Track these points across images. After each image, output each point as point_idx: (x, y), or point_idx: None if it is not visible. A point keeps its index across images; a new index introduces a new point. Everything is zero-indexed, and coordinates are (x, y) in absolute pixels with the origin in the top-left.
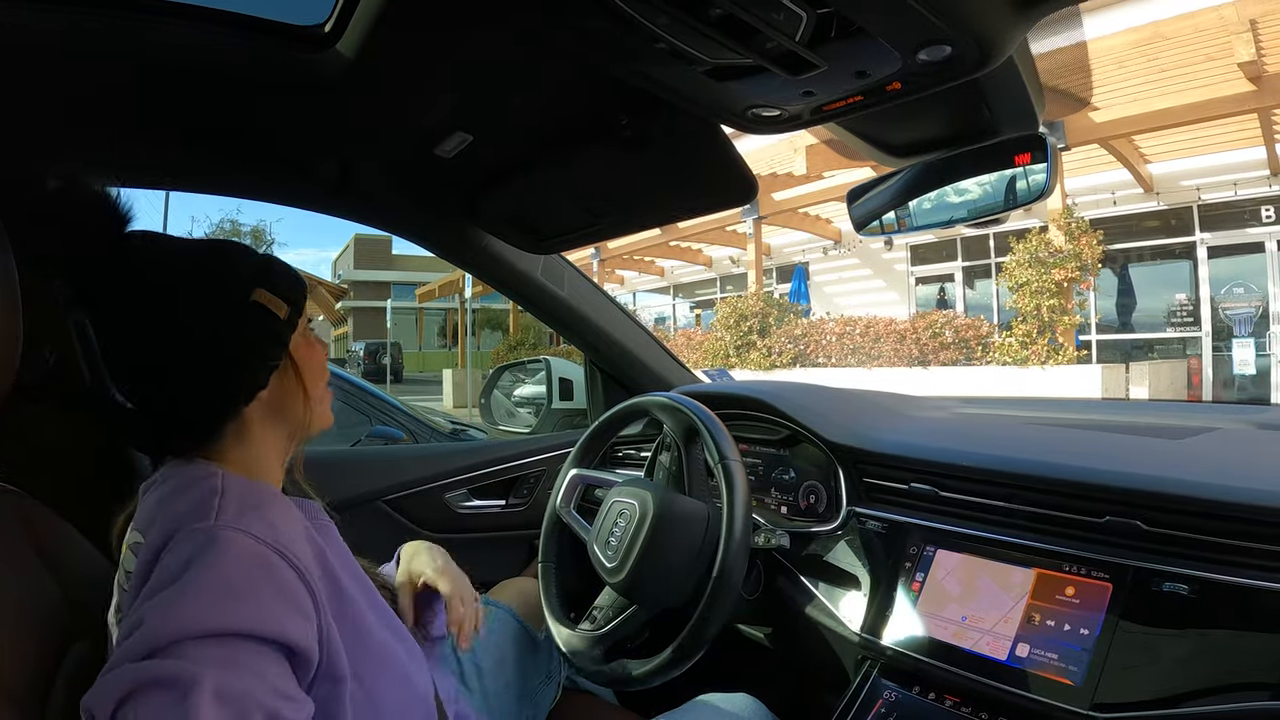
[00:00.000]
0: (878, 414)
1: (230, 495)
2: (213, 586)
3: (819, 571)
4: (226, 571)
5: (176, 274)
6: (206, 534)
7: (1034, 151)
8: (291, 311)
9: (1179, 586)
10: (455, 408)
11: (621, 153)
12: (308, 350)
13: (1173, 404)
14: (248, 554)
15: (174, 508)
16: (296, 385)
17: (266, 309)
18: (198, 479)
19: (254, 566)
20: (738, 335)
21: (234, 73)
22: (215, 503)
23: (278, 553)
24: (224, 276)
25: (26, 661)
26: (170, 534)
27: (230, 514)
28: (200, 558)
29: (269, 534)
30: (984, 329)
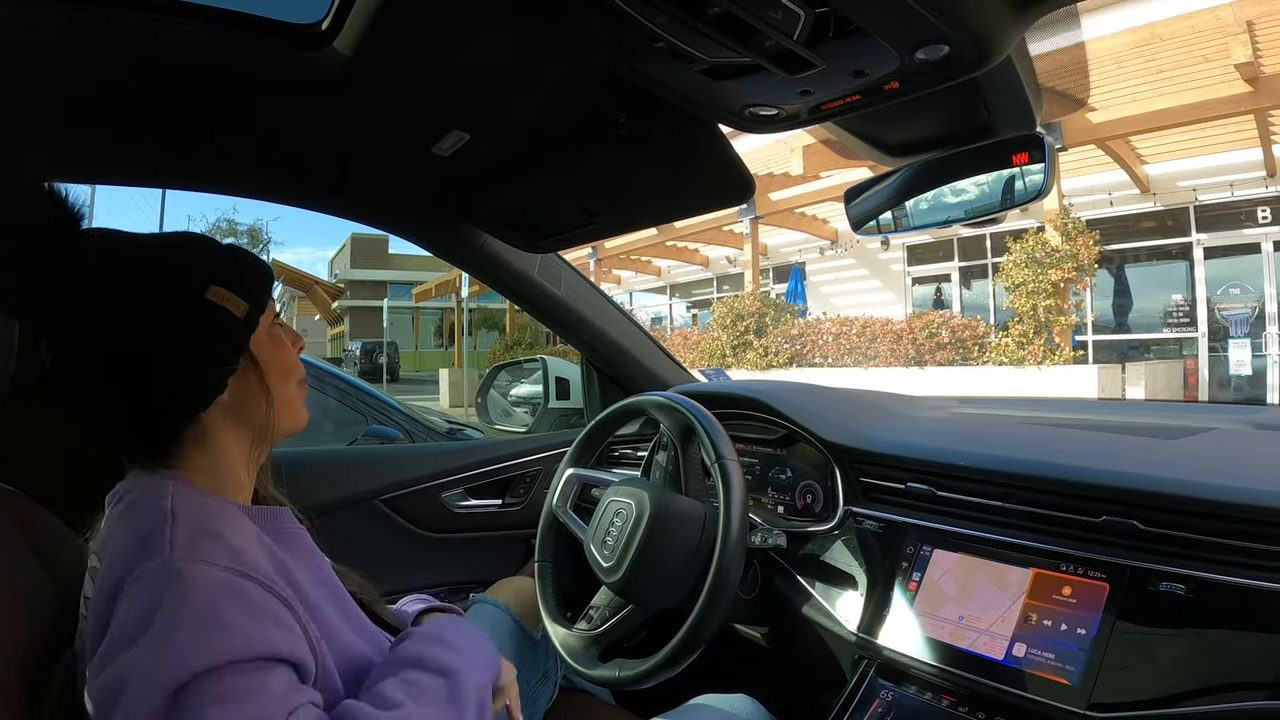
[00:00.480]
0: (874, 414)
1: (181, 521)
2: (189, 624)
3: (816, 571)
4: (197, 606)
5: (127, 272)
6: (164, 573)
7: (1031, 151)
8: (251, 309)
9: (1176, 586)
10: (451, 407)
11: (618, 151)
12: (274, 349)
13: (1169, 404)
14: (213, 584)
15: (121, 540)
16: (259, 388)
17: (222, 308)
18: (147, 500)
19: (223, 595)
20: (734, 335)
21: (230, 71)
22: (166, 534)
23: (242, 575)
24: (175, 274)
25: (22, 659)
26: (120, 578)
27: (183, 544)
28: (165, 598)
29: (228, 558)
30: (980, 329)
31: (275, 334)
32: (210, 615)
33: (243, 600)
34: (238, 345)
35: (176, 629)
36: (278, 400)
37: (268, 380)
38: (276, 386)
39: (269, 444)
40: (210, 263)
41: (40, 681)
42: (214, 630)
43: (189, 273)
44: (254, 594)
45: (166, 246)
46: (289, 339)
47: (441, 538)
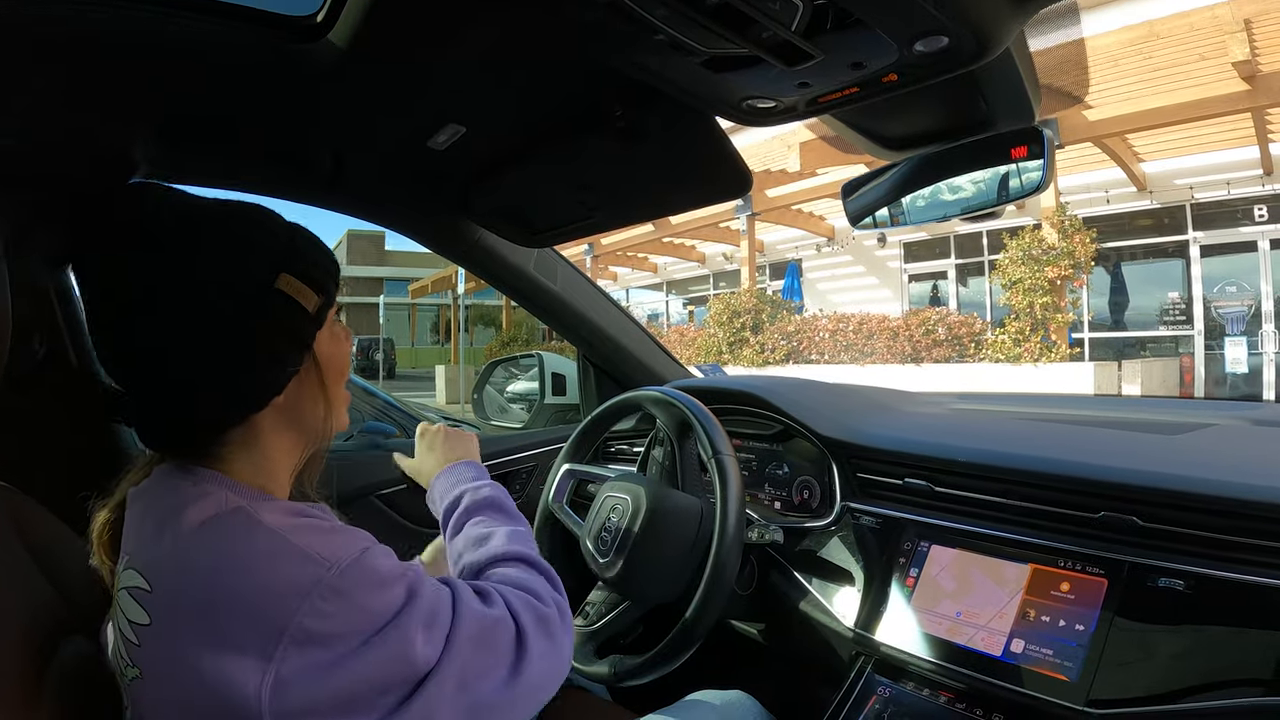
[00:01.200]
0: (871, 409)
1: (287, 530)
2: (406, 589)
3: (813, 567)
4: (383, 577)
5: (185, 240)
6: (346, 574)
7: (1030, 145)
8: (321, 304)
9: (1175, 582)
10: (448, 404)
11: (616, 145)
12: (334, 346)
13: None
14: (378, 557)
15: (214, 562)
16: (318, 389)
17: (293, 300)
18: (209, 508)
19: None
20: (731, 332)
21: (224, 64)
22: (293, 544)
23: (373, 544)
24: (245, 251)
25: (15, 656)
26: (263, 597)
27: (320, 546)
28: (360, 593)
29: (348, 540)
30: (977, 326)
31: (336, 330)
32: (395, 573)
33: (387, 553)
34: (303, 345)
35: (392, 604)
36: (333, 401)
37: (326, 381)
38: (334, 386)
39: (322, 449)
40: (281, 245)
41: (34, 680)
42: (415, 583)
43: (258, 253)
44: (383, 550)
45: (234, 216)
46: (344, 335)
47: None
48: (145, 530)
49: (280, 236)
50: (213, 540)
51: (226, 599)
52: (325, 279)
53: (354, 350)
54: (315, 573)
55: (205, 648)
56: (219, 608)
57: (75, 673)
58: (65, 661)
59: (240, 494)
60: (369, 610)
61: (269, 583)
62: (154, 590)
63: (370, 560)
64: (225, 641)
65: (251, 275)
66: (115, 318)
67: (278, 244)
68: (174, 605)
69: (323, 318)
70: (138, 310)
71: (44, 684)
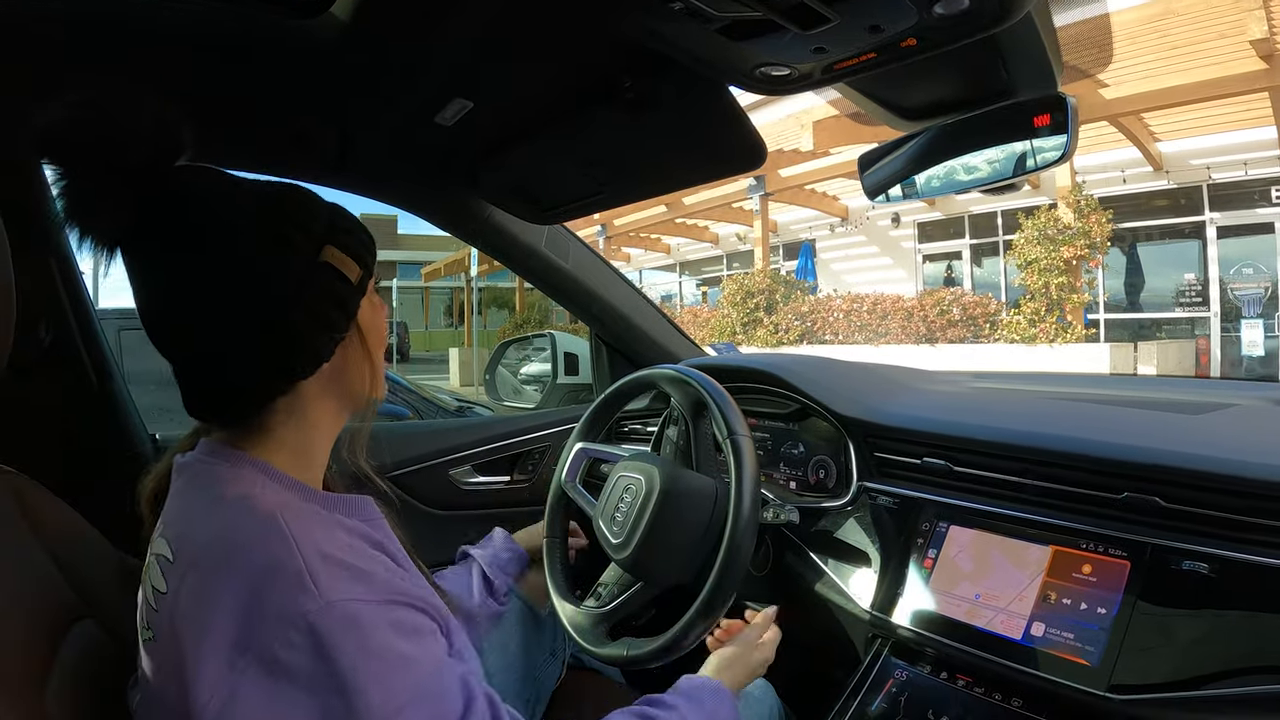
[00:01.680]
0: (889, 387)
1: (304, 544)
2: (378, 669)
3: (829, 548)
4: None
5: (234, 217)
6: (327, 619)
7: (1054, 113)
8: (363, 275)
9: (1199, 565)
10: (461, 386)
11: (626, 116)
12: (373, 315)
13: (1187, 380)
14: (377, 621)
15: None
16: (362, 356)
17: (338, 271)
18: (249, 503)
19: (390, 630)
20: (744, 312)
21: (225, 40)
22: (299, 562)
23: (389, 603)
24: (292, 227)
25: (22, 643)
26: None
27: (325, 581)
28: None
29: (366, 590)
30: (992, 307)
31: (375, 300)
32: (401, 651)
33: (405, 627)
34: (350, 312)
35: (369, 678)
36: (375, 369)
37: (370, 349)
38: (375, 354)
39: (369, 416)
40: (325, 220)
41: (42, 664)
42: (400, 669)
43: (305, 229)
44: (408, 616)
45: (279, 196)
46: (380, 305)
47: (449, 515)
48: (179, 504)
49: (322, 214)
50: (231, 530)
51: (226, 592)
52: (364, 252)
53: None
54: (299, 601)
55: (195, 628)
56: (217, 597)
57: (83, 656)
58: (73, 645)
59: (277, 484)
60: (336, 668)
61: (260, 591)
62: (175, 562)
63: (367, 617)
64: (208, 633)
65: (299, 250)
66: (170, 294)
67: (320, 221)
68: (185, 579)
69: (364, 287)
70: (195, 286)
71: (52, 667)
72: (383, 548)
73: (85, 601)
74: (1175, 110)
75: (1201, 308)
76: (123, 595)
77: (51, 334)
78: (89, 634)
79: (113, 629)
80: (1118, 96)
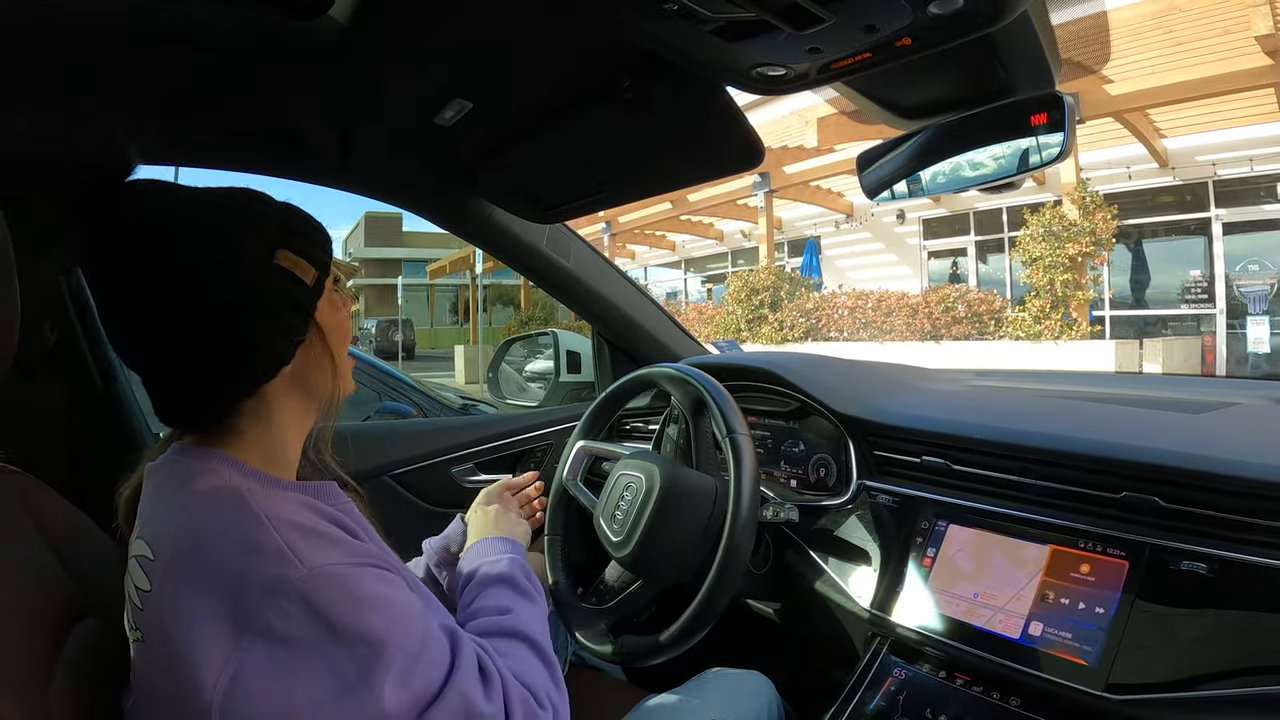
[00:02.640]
0: (889, 386)
1: (276, 520)
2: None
3: (829, 546)
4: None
5: (186, 229)
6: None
7: (1050, 112)
8: (319, 276)
9: (1198, 565)
10: (467, 383)
11: (624, 116)
12: (333, 314)
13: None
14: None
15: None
16: (323, 355)
17: (292, 275)
18: (220, 493)
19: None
20: (749, 309)
21: (223, 42)
22: (273, 537)
23: (362, 565)
24: (242, 234)
25: (25, 641)
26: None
27: (304, 549)
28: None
29: (344, 554)
30: (997, 303)
31: (335, 298)
32: (386, 599)
33: (384, 580)
34: (306, 314)
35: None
36: (338, 368)
37: (332, 348)
38: (337, 354)
39: (332, 414)
40: (276, 223)
41: (45, 663)
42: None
43: (255, 233)
44: (383, 574)
45: (228, 204)
46: (342, 303)
47: (450, 513)
48: (154, 504)
49: (274, 218)
50: (205, 519)
51: (209, 579)
52: (319, 252)
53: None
54: (285, 572)
55: (185, 618)
56: (201, 584)
57: (86, 654)
58: (76, 643)
59: (245, 475)
60: (331, 622)
61: (244, 572)
62: (155, 559)
63: (349, 574)
64: (201, 619)
65: (252, 255)
66: (128, 309)
67: (272, 224)
68: (166, 574)
69: (321, 287)
70: (150, 300)
71: (55, 666)
72: (348, 529)
73: (89, 599)
74: (1180, 106)
75: (1207, 304)
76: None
77: (56, 334)
78: (92, 632)
79: (116, 627)
80: (1123, 92)
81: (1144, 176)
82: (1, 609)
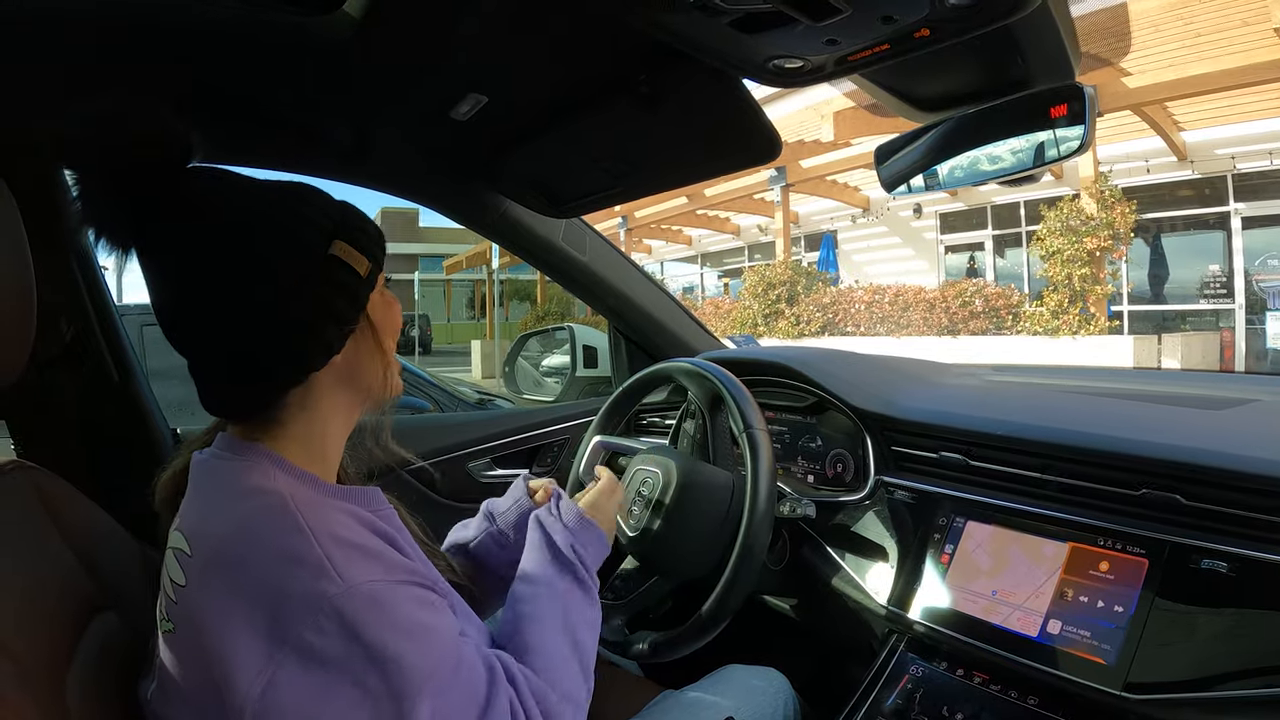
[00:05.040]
0: (907, 381)
1: (319, 533)
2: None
3: (846, 542)
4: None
5: (244, 217)
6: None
7: (1070, 103)
8: (372, 268)
9: (1218, 564)
10: (484, 379)
11: (640, 111)
12: (385, 310)
13: (1209, 374)
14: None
15: (243, 538)
16: (374, 349)
17: (347, 265)
18: (264, 496)
19: (411, 604)
20: (766, 304)
21: (238, 39)
22: (315, 549)
23: (401, 583)
24: (301, 224)
25: (45, 635)
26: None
27: (343, 564)
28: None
29: (383, 570)
30: (1014, 298)
31: (387, 294)
32: (420, 624)
33: (423, 601)
34: (359, 304)
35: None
36: (388, 362)
37: (382, 341)
38: (387, 347)
39: (386, 408)
40: (333, 217)
41: (63, 656)
42: (424, 638)
43: (313, 224)
44: (423, 594)
45: (287, 194)
46: (393, 300)
47: (467, 508)
48: (196, 499)
49: (332, 211)
50: (247, 525)
51: (248, 587)
52: (374, 247)
53: None
54: (323, 588)
55: (221, 621)
56: (240, 591)
57: (103, 648)
58: (94, 637)
59: (289, 475)
60: (365, 642)
61: (283, 584)
62: (192, 555)
63: (387, 594)
64: (238, 624)
65: (309, 245)
66: (183, 295)
67: (330, 217)
68: (205, 574)
69: (374, 281)
70: (204, 283)
71: (73, 659)
72: (390, 538)
73: (106, 594)
74: (1199, 99)
75: (1226, 299)
76: (143, 587)
77: (72, 330)
78: (110, 626)
79: (133, 621)
80: (1141, 85)
81: (1162, 170)
82: (18, 603)
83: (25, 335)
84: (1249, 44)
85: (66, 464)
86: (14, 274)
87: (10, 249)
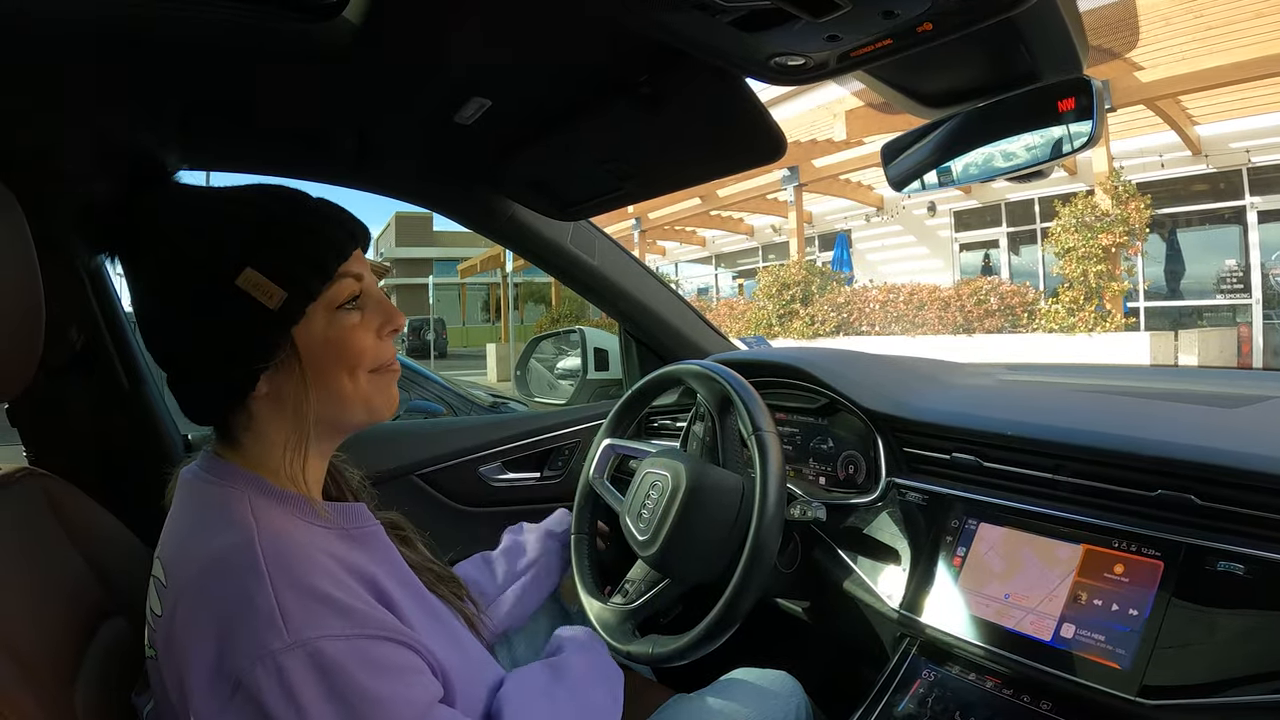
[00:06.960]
0: (918, 381)
1: (277, 575)
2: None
3: (857, 544)
4: (348, 692)
5: (171, 234)
6: (296, 657)
7: (1078, 96)
8: (291, 299)
9: (1235, 566)
10: (499, 381)
11: (643, 112)
12: (331, 336)
13: (1226, 371)
14: (350, 659)
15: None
16: (299, 383)
17: (248, 298)
18: (225, 519)
19: (364, 669)
20: (780, 304)
21: (240, 45)
22: (270, 597)
23: (366, 638)
24: (209, 247)
25: (55, 640)
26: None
27: (296, 616)
28: (307, 691)
29: (343, 625)
30: (1030, 296)
31: (341, 320)
32: (364, 696)
33: (380, 665)
34: (268, 341)
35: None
36: (333, 394)
37: (308, 374)
38: (330, 379)
39: (328, 439)
40: (250, 239)
41: (72, 661)
42: (374, 709)
43: (221, 250)
44: (386, 653)
45: (217, 209)
46: (374, 318)
47: (478, 512)
48: (174, 525)
49: (251, 230)
50: (212, 559)
51: (207, 624)
52: (307, 270)
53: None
54: (268, 640)
55: (183, 657)
56: (200, 626)
57: (112, 653)
58: (102, 642)
59: (267, 499)
60: (300, 705)
61: (235, 627)
62: (167, 586)
63: (337, 656)
64: (197, 660)
65: (213, 272)
66: (137, 303)
67: (246, 238)
68: (175, 605)
69: (294, 311)
70: (145, 299)
71: (82, 664)
72: (366, 576)
73: (115, 599)
74: (1213, 92)
75: (1243, 294)
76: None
77: (82, 338)
78: (118, 631)
79: (141, 625)
80: (1153, 79)
81: (1177, 165)
82: (28, 608)
83: (34, 346)
84: (1262, 36)
85: (78, 471)
86: (21, 285)
87: (17, 260)
